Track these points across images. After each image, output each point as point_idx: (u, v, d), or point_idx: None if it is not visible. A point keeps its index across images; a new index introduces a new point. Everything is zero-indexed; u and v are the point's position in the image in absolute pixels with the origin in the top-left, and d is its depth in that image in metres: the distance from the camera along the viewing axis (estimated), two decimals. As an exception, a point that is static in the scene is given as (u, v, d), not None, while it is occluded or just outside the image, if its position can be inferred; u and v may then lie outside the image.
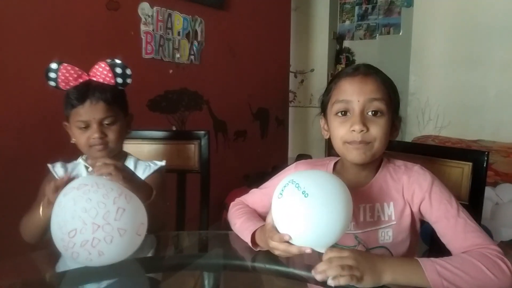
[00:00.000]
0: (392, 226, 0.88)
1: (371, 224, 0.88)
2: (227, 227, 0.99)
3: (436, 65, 3.41)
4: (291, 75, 3.98)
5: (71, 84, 1.01)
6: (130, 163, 1.13)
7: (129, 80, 1.05)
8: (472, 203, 0.96)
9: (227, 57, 2.68)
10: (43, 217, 0.92)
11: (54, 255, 0.82)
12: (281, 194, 0.74)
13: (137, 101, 2.02)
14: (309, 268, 0.72)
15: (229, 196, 2.43)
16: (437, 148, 1.16)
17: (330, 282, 0.68)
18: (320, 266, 0.70)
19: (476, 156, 0.98)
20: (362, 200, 0.88)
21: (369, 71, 0.86)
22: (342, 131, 0.84)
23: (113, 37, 1.88)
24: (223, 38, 2.62)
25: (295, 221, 0.72)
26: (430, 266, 0.71)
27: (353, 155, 0.84)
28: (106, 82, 1.02)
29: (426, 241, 1.08)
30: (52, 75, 1.01)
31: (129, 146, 1.20)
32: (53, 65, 1.00)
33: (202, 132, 1.36)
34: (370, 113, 0.83)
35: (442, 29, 3.37)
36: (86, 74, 1.03)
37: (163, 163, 1.14)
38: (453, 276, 0.70)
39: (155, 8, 2.09)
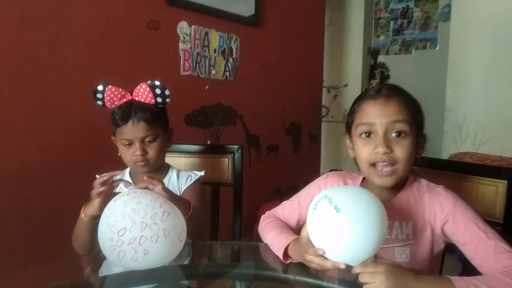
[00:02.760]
0: (410, 246, 0.88)
1: (388, 241, 0.87)
2: (259, 240, 1.02)
3: (474, 80, 3.32)
4: (324, 90, 3.99)
5: (116, 103, 1.09)
6: (172, 174, 1.20)
7: (168, 100, 1.11)
8: (507, 222, 0.95)
9: (261, 73, 2.75)
10: (85, 216, 0.99)
11: (97, 260, 0.88)
12: (314, 208, 0.76)
13: (175, 116, 2.11)
14: (339, 281, 0.73)
15: (260, 210, 2.46)
16: (470, 165, 1.15)
17: None
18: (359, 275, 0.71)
19: (511, 174, 0.96)
20: None
21: (391, 93, 0.87)
22: (366, 152, 0.86)
23: (153, 55, 1.98)
24: (257, 54, 2.69)
25: (327, 236, 0.73)
26: (464, 284, 0.71)
27: (378, 181, 0.86)
28: (147, 102, 1.09)
29: (460, 259, 1.06)
30: (99, 95, 1.09)
31: (167, 159, 1.27)
32: (100, 87, 1.09)
33: (236, 146, 1.41)
34: (393, 134, 0.85)
35: (481, 43, 3.28)
36: (129, 94, 1.10)
37: (202, 173, 1.21)
38: None
39: (193, 26, 2.19)
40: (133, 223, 0.79)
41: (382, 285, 0.69)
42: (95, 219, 0.95)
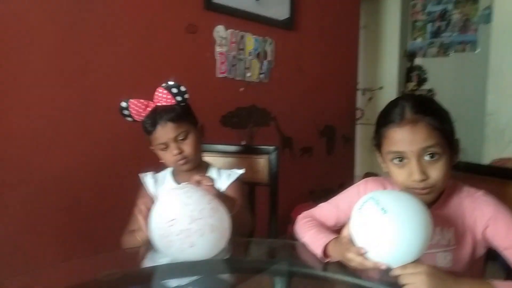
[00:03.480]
0: (452, 251, 0.87)
1: (430, 247, 0.85)
2: (293, 240, 1.03)
3: (517, 84, 3.20)
4: (359, 93, 3.95)
5: (143, 114, 1.15)
6: (213, 172, 1.24)
7: (186, 95, 1.15)
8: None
9: (295, 75, 2.76)
10: (142, 240, 1.02)
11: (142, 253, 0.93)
12: (360, 209, 0.77)
13: (211, 117, 2.17)
14: (379, 281, 0.74)
15: (294, 211, 2.47)
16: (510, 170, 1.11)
17: None
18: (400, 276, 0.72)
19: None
20: None
21: (416, 117, 0.82)
22: (402, 177, 0.84)
23: (191, 58, 2.04)
24: (292, 57, 2.71)
25: (371, 236, 0.75)
26: (504, 287, 0.70)
27: (418, 198, 0.82)
28: (169, 104, 1.13)
29: (504, 267, 1.03)
30: (126, 112, 1.15)
31: (215, 160, 1.31)
32: (123, 104, 1.14)
33: (272, 147, 1.43)
34: (427, 158, 0.82)
35: (525, 45, 3.16)
36: (151, 102, 1.15)
37: (242, 171, 1.24)
38: None
39: (229, 30, 2.23)
40: (183, 215, 0.83)
41: (423, 285, 0.69)
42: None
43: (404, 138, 0.82)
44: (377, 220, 0.73)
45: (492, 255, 0.92)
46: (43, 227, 1.48)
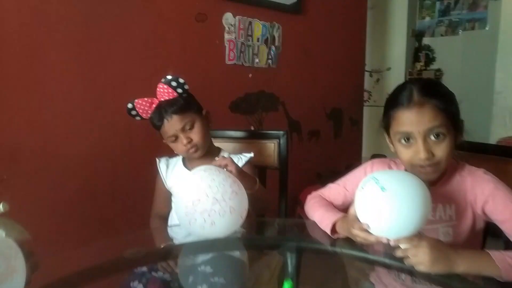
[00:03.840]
0: (453, 225, 0.93)
1: (432, 222, 0.93)
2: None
3: (526, 61, 3.19)
4: (366, 74, 3.95)
5: (150, 112, 1.20)
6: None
7: (186, 86, 1.20)
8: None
9: (302, 59, 2.79)
10: None
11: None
12: (362, 188, 0.83)
13: (221, 103, 2.23)
14: (384, 254, 0.81)
15: (302, 193, 2.54)
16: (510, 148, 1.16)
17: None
18: (399, 253, 0.78)
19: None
20: None
21: (423, 99, 0.87)
22: (408, 156, 0.90)
23: (200, 46, 2.09)
24: (299, 41, 2.73)
25: (372, 213, 0.81)
26: (501, 257, 0.76)
27: (422, 176, 0.88)
28: (171, 97, 1.19)
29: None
30: (133, 112, 1.21)
31: (217, 144, 1.37)
32: (129, 105, 1.20)
33: (281, 132, 1.48)
34: (432, 137, 0.87)
35: (535, 22, 3.13)
36: (155, 99, 1.20)
37: (251, 154, 1.30)
38: None
39: (237, 17, 2.26)
40: (206, 196, 0.92)
41: (425, 257, 0.75)
42: None
43: (412, 120, 0.87)
44: (377, 198, 0.79)
45: (495, 232, 0.97)
46: (62, 212, 1.56)
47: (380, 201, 0.79)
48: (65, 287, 0.83)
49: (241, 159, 1.28)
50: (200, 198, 0.92)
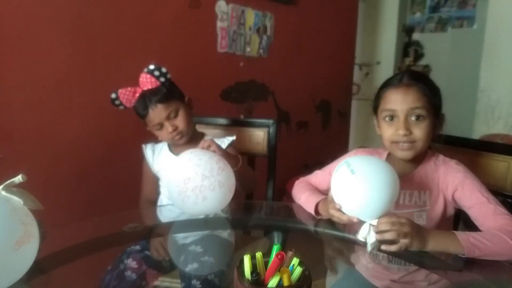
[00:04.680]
0: (426, 211, 1.01)
1: (408, 207, 1.02)
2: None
3: (510, 61, 3.27)
4: (356, 68, 4.00)
5: (133, 101, 1.23)
6: None
7: (169, 75, 1.24)
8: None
9: (293, 50, 2.82)
10: None
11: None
12: (336, 171, 0.91)
13: (212, 91, 2.26)
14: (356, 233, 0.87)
15: (289, 183, 2.59)
16: (484, 143, 1.26)
17: (384, 247, 0.83)
18: (382, 226, 0.83)
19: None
20: (403, 187, 1.01)
21: (411, 82, 0.98)
22: (389, 133, 0.99)
23: (193, 33, 2.10)
24: (291, 31, 2.76)
25: (343, 194, 0.89)
26: (465, 237, 0.84)
27: (399, 154, 0.99)
28: (154, 86, 1.22)
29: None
30: (117, 102, 1.24)
31: (209, 132, 1.41)
32: (113, 95, 1.23)
33: (271, 121, 1.53)
34: (413, 118, 0.97)
35: (520, 23, 3.21)
36: (138, 88, 1.23)
37: (233, 137, 1.35)
38: (484, 246, 0.82)
39: (230, 5, 2.28)
40: (196, 174, 0.99)
41: (408, 232, 0.82)
42: None
43: (397, 98, 0.98)
44: (347, 180, 0.87)
45: (467, 221, 1.04)
46: (55, 192, 1.59)
47: (349, 183, 0.86)
48: (70, 257, 0.89)
49: (224, 142, 1.33)
50: (190, 176, 0.99)
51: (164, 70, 1.23)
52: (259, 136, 1.53)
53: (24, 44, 1.48)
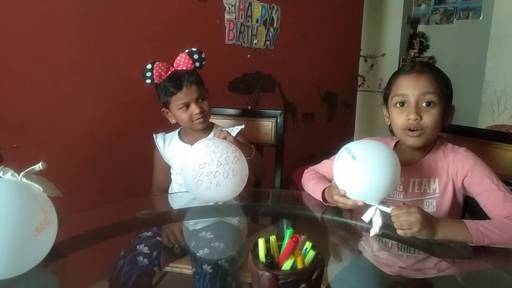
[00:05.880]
0: (436, 198, 1.02)
1: (418, 195, 1.03)
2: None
3: (516, 52, 3.26)
4: (361, 59, 4.00)
5: (163, 77, 1.25)
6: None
7: (204, 62, 1.28)
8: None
9: (300, 42, 2.83)
10: None
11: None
12: (337, 158, 0.93)
13: (220, 83, 2.28)
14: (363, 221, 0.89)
15: (295, 173, 2.63)
16: (492, 132, 1.27)
17: (399, 232, 0.85)
18: (395, 215, 0.85)
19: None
20: (413, 175, 1.04)
21: (423, 69, 1.00)
22: (400, 120, 1.00)
23: (201, 25, 2.12)
24: (297, 23, 2.77)
25: (346, 179, 0.91)
26: (474, 225, 0.85)
27: (410, 141, 1.00)
28: (187, 68, 1.25)
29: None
30: (149, 74, 1.25)
31: (220, 122, 1.44)
32: (149, 66, 1.25)
33: (279, 111, 1.55)
34: (424, 104, 0.98)
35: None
36: (172, 66, 1.26)
37: (242, 126, 1.37)
38: (493, 234, 0.84)
39: (237, -3, 2.29)
40: (211, 160, 1.03)
41: (417, 222, 0.84)
42: None
43: (409, 83, 0.99)
44: (349, 166, 0.89)
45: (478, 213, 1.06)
46: (68, 180, 1.62)
47: (351, 169, 0.88)
48: (85, 242, 0.92)
49: (233, 131, 1.36)
50: (206, 161, 1.03)
51: (203, 55, 1.27)
52: (267, 126, 1.55)
53: (36, 37, 1.50)
